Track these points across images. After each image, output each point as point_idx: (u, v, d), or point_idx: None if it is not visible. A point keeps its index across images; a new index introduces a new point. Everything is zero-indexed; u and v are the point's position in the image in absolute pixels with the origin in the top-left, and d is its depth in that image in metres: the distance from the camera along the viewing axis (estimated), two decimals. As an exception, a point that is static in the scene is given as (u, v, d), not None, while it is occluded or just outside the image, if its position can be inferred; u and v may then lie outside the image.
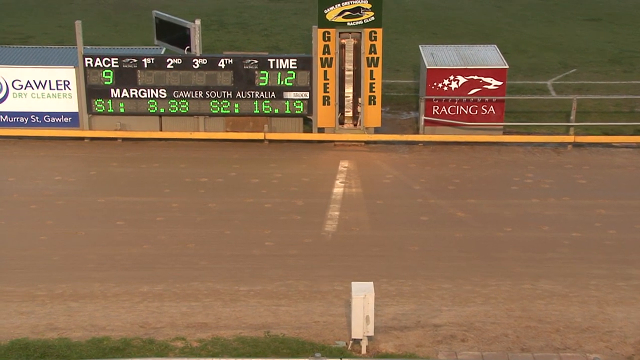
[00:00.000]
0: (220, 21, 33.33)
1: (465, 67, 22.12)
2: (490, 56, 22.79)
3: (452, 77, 22.06)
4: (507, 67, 22.18)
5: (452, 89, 22.12)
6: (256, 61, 22.01)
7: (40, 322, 15.03)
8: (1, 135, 22.40)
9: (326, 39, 21.79)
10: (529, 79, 26.72)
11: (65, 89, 22.22)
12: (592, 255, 17.23)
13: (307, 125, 22.70)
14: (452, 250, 17.48)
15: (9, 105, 22.24)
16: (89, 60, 21.96)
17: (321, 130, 22.48)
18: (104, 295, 15.87)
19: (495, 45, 23.76)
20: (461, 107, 22.22)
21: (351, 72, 22.10)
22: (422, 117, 22.21)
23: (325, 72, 22.05)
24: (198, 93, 22.17)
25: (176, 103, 22.23)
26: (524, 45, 29.89)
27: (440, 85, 22.10)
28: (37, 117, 22.35)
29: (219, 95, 22.18)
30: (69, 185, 20.24)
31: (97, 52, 22.61)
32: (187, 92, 22.17)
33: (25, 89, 22.19)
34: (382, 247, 17.55)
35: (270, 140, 22.48)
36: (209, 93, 22.17)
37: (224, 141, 22.50)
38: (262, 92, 22.15)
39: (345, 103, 22.33)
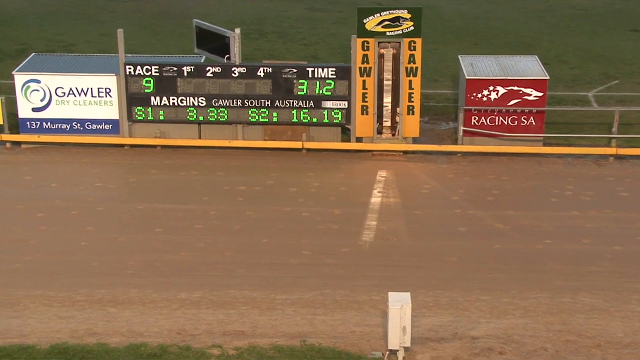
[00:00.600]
0: (260, 30, 33.50)
1: (505, 78, 21.98)
2: (531, 67, 22.63)
3: (492, 88, 21.94)
4: (548, 78, 22.01)
5: (492, 99, 22.00)
6: (295, 70, 22.08)
7: (80, 327, 15.18)
8: (44, 142, 22.69)
9: (365, 48, 21.79)
10: (571, 90, 26.47)
11: (106, 96, 22.46)
12: (635, 269, 17.00)
13: (346, 135, 22.68)
14: (491, 262, 17.34)
15: (52, 113, 22.54)
16: (130, 69, 22.18)
17: (359, 140, 22.47)
18: (142, 301, 15.98)
19: (536, 56, 23.59)
20: (501, 118, 22.07)
21: (390, 82, 22.07)
22: (461, 128, 22.10)
23: (364, 81, 22.05)
24: (237, 102, 22.28)
25: (215, 111, 22.36)
26: (565, 56, 29.63)
27: (479, 95, 21.99)
28: (79, 125, 22.61)
29: (258, 104, 22.27)
30: (110, 192, 20.44)
31: (138, 60, 22.85)
32: (227, 101, 22.29)
33: (67, 96, 22.47)
34: (419, 258, 17.47)
35: (309, 150, 22.51)
36: (248, 102, 22.27)
37: (263, 150, 22.57)
38: (300, 102, 22.20)
39: (384, 113, 22.30)
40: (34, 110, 22.52)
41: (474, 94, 21.98)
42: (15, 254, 17.55)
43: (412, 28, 21.56)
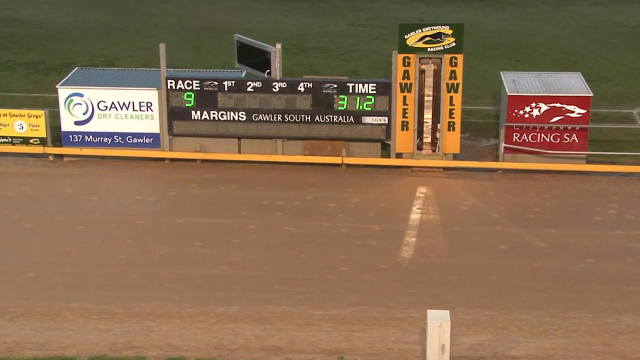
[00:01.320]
0: (301, 45, 33.59)
1: (547, 95, 21.77)
2: (573, 83, 22.39)
3: (533, 104, 21.74)
4: (591, 94, 21.75)
5: (534, 116, 21.79)
6: (335, 85, 22.07)
7: (118, 340, 15.24)
8: (86, 155, 22.91)
9: (406, 64, 21.72)
10: (614, 107, 26.13)
11: (147, 110, 22.63)
12: (679, 290, 16.68)
13: (385, 151, 22.59)
14: (531, 281, 17.12)
15: (94, 126, 22.75)
16: (171, 83, 22.33)
17: (399, 155, 22.37)
18: (180, 315, 16.00)
19: (579, 73, 23.34)
20: (543, 135, 21.85)
21: (431, 98, 21.97)
22: (502, 145, 21.91)
23: (404, 97, 21.97)
24: (277, 116, 22.32)
25: (255, 126, 22.41)
26: (609, 73, 29.27)
27: (521, 112, 21.79)
28: (120, 138, 22.79)
29: (298, 119, 22.28)
30: (149, 205, 20.55)
31: (179, 74, 22.99)
32: (266, 115, 22.34)
33: (109, 109, 22.67)
34: (459, 275, 17.30)
35: (348, 165, 22.46)
36: (287, 116, 22.30)
37: (302, 165, 22.56)
38: (340, 117, 22.17)
39: (424, 129, 22.19)
40: (76, 123, 22.76)
41: (516, 111, 21.79)
42: (55, 265, 17.70)
43: (454, 44, 21.46)
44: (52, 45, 33.07)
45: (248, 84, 22.22)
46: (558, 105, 21.68)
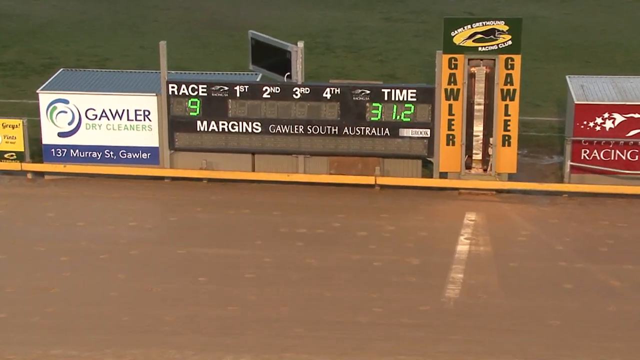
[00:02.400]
0: (327, 44, 33.68)
1: (623, 103, 21.66)
2: (654, 90, 22.31)
3: (606, 115, 21.63)
4: (675, 103, 21.66)
5: (607, 129, 21.68)
6: (368, 91, 22.08)
7: (106, 393, 15.24)
8: (71, 173, 23.03)
9: (452, 66, 21.70)
10: (703, 118, 25.92)
11: (144, 119, 22.74)
12: None
13: (427, 169, 22.58)
14: (604, 327, 16.97)
15: (81, 138, 22.88)
16: (173, 87, 22.45)
17: (444, 175, 22.34)
18: (181, 364, 16.01)
19: (661, 77, 23.26)
20: (617, 152, 21.72)
21: (482, 107, 21.92)
22: (568, 163, 21.82)
23: (450, 105, 21.94)
24: (298, 128, 22.35)
25: (272, 139, 22.45)
26: (696, 77, 29.06)
27: (591, 124, 21.69)
28: (111, 152, 22.91)
29: (323, 131, 22.30)
30: (145, 233, 20.59)
31: (182, 77, 23.10)
32: (286, 127, 22.37)
33: (99, 119, 22.81)
34: (515, 320, 17.18)
35: (382, 186, 22.44)
36: (311, 128, 22.32)
37: (327, 185, 22.57)
38: (373, 129, 22.17)
39: (474, 143, 22.14)
40: (60, 135, 22.91)
41: (585, 122, 21.69)
42: (34, 304, 17.75)
43: (510, 42, 21.43)
44: (33, 42, 33.39)
45: (264, 89, 22.28)
46: (636, 115, 21.56)
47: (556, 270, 18.90)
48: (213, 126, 22.54)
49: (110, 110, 22.75)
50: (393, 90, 22.04)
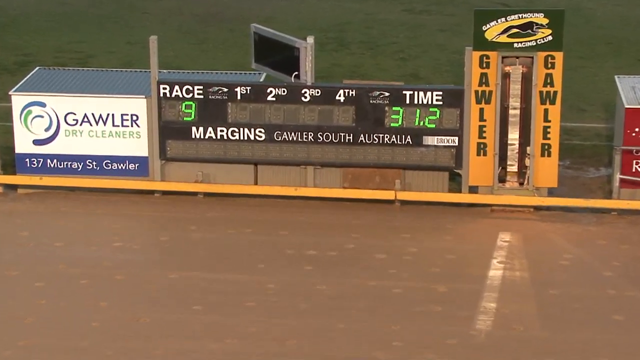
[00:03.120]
0: (341, 39, 33.72)
1: (679, 107, 21.64)
2: None
3: (660, 121, 21.63)
4: None
5: (661, 136, 21.69)
6: (387, 94, 22.07)
7: None
8: (48, 186, 23.05)
9: (484, 65, 21.68)
10: None
11: (132, 125, 22.76)
12: None
13: (455, 182, 22.58)
14: (658, 365, 16.88)
15: (59, 146, 22.90)
16: (165, 88, 22.46)
17: (474, 189, 22.30)
18: (172, 405, 15.96)
19: None
20: (673, 163, 21.73)
21: (518, 111, 21.89)
22: (618, 176, 21.78)
23: (481, 110, 21.91)
24: (307, 135, 22.34)
25: (278, 148, 22.45)
26: None
27: (643, 131, 21.70)
28: (94, 163, 22.93)
29: (336, 139, 22.29)
30: (133, 255, 20.58)
31: (176, 77, 23.12)
32: (293, 134, 22.37)
33: (80, 124, 22.83)
34: (556, 356, 17.11)
35: (404, 202, 22.43)
36: (322, 135, 22.31)
37: (340, 201, 22.58)
38: (393, 136, 22.15)
39: (509, 153, 22.10)
40: (36, 142, 22.94)
41: (637, 129, 21.64)
42: (5, 336, 17.73)
43: (550, 37, 21.40)
44: (6, 36, 33.50)
45: (269, 91, 22.29)
46: (695, 122, 21.56)
47: (604, 299, 18.82)
48: (210, 133, 22.54)
49: (93, 114, 22.77)
50: (416, 92, 22.01)
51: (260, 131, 22.46)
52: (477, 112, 21.92)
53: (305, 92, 22.22)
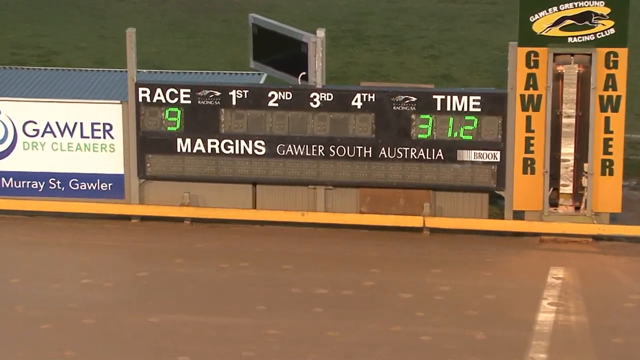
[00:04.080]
0: (358, 32, 33.74)
1: None
2: None
3: None
4: None
5: None
6: (414, 99, 22.05)
7: None
8: (3, 210, 23.04)
9: (532, 64, 21.66)
10: None
11: (104, 137, 22.77)
12: None
13: (496, 207, 22.62)
14: None
15: (16, 162, 22.93)
16: (144, 92, 22.47)
17: (519, 215, 22.29)
18: None
19: None
20: None
21: (573, 120, 21.87)
22: (694, 199, 21.73)
23: (528, 118, 21.87)
24: (317, 148, 22.33)
25: (281, 164, 22.44)
26: None
27: None
28: (58, 182, 22.95)
29: (351, 153, 22.28)
30: (104, 294, 20.55)
31: (158, 78, 23.13)
32: (300, 147, 22.36)
33: (42, 136, 22.85)
34: (619, 418, 17.05)
35: (434, 230, 22.43)
36: (334, 149, 22.29)
37: (357, 228, 22.59)
38: (421, 150, 22.14)
39: (562, 171, 22.06)
40: (-12, 157, 23.00)
41: None
42: (-51, 391, 17.72)
43: (612, 30, 21.39)
44: (-46, 30, 33.52)
45: (270, 95, 22.29)
46: None
47: (677, 349, 18.74)
48: (199, 146, 22.54)
49: (57, 123, 22.79)
50: (449, 97, 22.00)
51: (259, 144, 22.44)
52: (523, 121, 21.87)
53: (315, 97, 22.21)
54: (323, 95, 22.20)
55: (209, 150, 22.56)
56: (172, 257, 21.77)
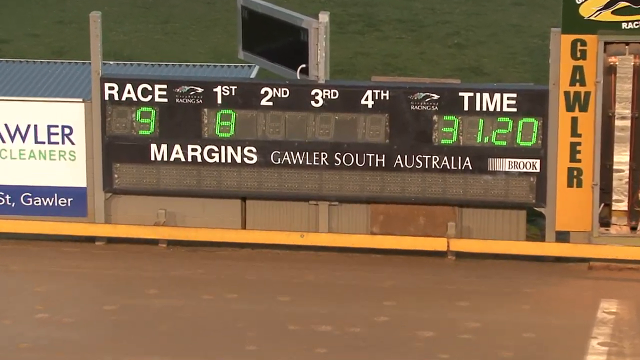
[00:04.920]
0: (369, 16, 33.77)
1: None
2: None
3: None
4: None
5: None
6: (436, 97, 22.07)
7: None
8: (-60, 229, 23.12)
9: (578, 54, 21.69)
10: None
11: (63, 142, 22.78)
12: None
13: (535, 226, 22.69)
14: None
15: (-43, 172, 22.98)
16: (111, 88, 22.49)
17: (563, 236, 22.35)
18: None
19: None
20: None
21: (628, 122, 21.91)
22: None
23: (574, 120, 21.90)
24: (320, 156, 22.35)
25: (276, 175, 22.46)
26: None
27: None
28: (8, 197, 22.99)
29: (360, 162, 22.30)
30: (64, 332, 20.52)
31: (128, 72, 23.12)
32: (299, 154, 22.38)
33: (-12, 141, 22.89)
34: None
35: (460, 254, 22.48)
36: (340, 156, 22.32)
37: (367, 252, 22.64)
38: (445, 158, 22.17)
39: (614, 184, 22.08)
40: None
41: None
42: None
43: (675, 14, 21.44)
44: None
45: (263, 92, 22.31)
46: None
47: None
48: (178, 153, 22.56)
49: (6, 126, 22.83)
50: (478, 95, 22.04)
51: (250, 150, 22.45)
52: (568, 124, 21.89)
53: (317, 94, 22.23)
54: (327, 92, 22.21)
55: (190, 159, 22.57)
56: (145, 287, 21.75)
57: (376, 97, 22.17)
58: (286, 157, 22.43)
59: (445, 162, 22.16)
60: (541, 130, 21.94)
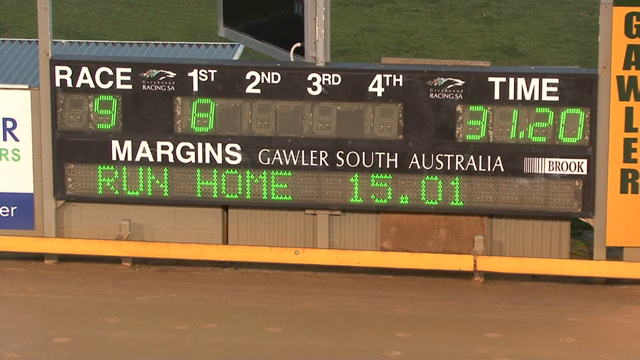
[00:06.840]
0: (377, -15, 33.87)
1: None
2: None
3: None
4: None
5: None
6: (460, 82, 22.15)
7: None
8: None
9: (634, 31, 21.78)
10: None
11: (4, 138, 22.88)
12: None
13: (581, 241, 22.81)
14: None
15: None
16: (64, 72, 22.57)
17: (615, 253, 22.46)
18: None
19: None
20: None
21: (694, 115, 21.99)
22: None
23: (629, 111, 21.99)
24: (318, 155, 22.43)
25: (264, 178, 22.51)
26: None
27: None
28: (-62, 204, 23.05)
29: (368, 162, 22.38)
30: (5, 370, 20.62)
31: (84, 52, 23.17)
32: (293, 153, 22.44)
33: None
34: None
35: (489, 275, 22.59)
36: (343, 156, 22.39)
37: (377, 273, 22.76)
38: (471, 157, 22.24)
39: (679, 189, 22.16)
40: None
41: None
42: None
43: None
44: None
45: (249, 77, 22.38)
46: None
47: None
48: (144, 152, 22.64)
49: (-64, 118, 22.93)
50: (512, 80, 22.13)
51: (233, 149, 22.52)
52: (621, 116, 21.98)
53: (315, 80, 22.31)
54: (327, 77, 22.28)
55: (159, 159, 22.64)
56: (104, 315, 21.82)
57: (387, 84, 22.23)
58: (277, 156, 22.49)
59: (471, 162, 22.24)
60: (588, 124, 22.01)
